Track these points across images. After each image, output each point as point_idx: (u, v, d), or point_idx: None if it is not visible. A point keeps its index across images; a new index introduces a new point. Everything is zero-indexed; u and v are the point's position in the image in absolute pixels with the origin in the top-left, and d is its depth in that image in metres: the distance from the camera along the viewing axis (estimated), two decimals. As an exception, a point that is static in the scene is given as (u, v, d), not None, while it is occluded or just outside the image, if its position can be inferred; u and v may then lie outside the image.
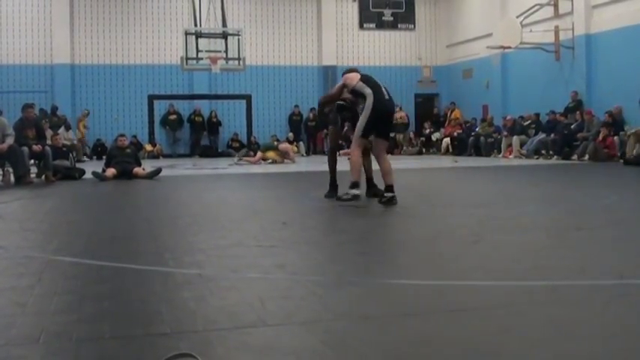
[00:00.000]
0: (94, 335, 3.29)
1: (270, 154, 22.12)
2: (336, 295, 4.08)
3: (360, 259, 5.36)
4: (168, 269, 4.87)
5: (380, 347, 3.08)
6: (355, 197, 9.09)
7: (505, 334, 3.24)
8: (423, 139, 29.52)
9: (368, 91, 9.15)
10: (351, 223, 7.82)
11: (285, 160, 21.90)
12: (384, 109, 9.20)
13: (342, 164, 10.35)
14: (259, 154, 22.51)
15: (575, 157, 20.66)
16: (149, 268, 4.93)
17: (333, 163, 10.10)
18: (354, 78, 9.39)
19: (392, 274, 4.67)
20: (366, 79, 9.36)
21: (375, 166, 9.66)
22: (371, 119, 9.05)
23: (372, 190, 9.84)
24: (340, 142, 11.70)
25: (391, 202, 8.87)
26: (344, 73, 9.68)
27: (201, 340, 3.21)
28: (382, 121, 9.29)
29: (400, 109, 29.50)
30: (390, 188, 8.99)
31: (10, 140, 13.58)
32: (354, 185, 9.14)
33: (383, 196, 9.00)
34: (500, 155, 24.05)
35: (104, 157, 18.83)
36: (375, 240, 6.45)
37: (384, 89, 9.29)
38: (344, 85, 9.51)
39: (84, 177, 15.15)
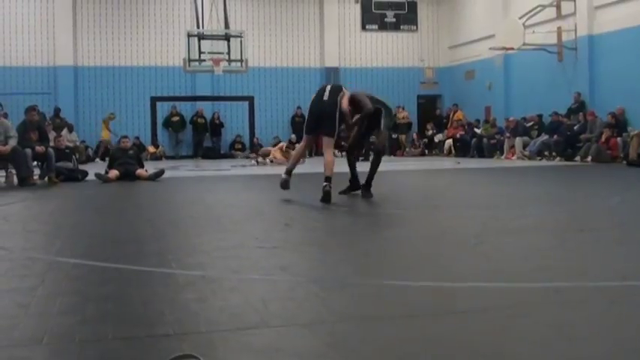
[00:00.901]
0: (98, 336, 3.30)
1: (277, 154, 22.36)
2: (338, 297, 4.08)
3: (363, 260, 5.36)
4: (170, 270, 4.87)
5: (383, 349, 3.08)
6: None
7: (507, 336, 3.24)
8: (425, 140, 29.52)
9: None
10: (353, 224, 7.83)
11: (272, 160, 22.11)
12: (313, 109, 10.36)
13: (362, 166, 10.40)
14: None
15: (577, 158, 20.65)
16: (152, 269, 4.93)
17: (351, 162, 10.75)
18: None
19: (395, 276, 4.67)
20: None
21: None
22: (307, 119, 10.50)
23: (364, 187, 10.44)
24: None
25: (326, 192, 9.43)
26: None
27: (204, 342, 3.21)
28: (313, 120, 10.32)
29: (402, 108, 29.53)
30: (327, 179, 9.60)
31: (13, 142, 13.60)
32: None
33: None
34: (503, 157, 24.05)
35: (107, 158, 18.84)
36: (377, 241, 6.45)
37: (327, 91, 10.29)
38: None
39: (87, 179, 15.16)
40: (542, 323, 3.40)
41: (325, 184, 9.40)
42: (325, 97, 10.05)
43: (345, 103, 10.01)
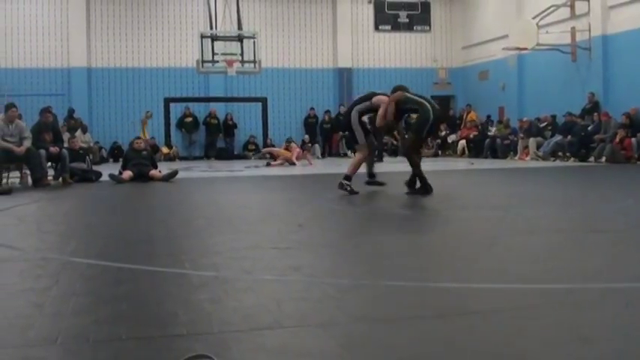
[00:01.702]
0: (111, 337, 3.31)
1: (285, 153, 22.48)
2: (352, 298, 4.08)
3: (376, 261, 5.36)
4: (184, 271, 4.88)
5: (396, 350, 3.08)
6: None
7: (521, 337, 3.23)
8: (438, 141, 29.45)
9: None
10: (366, 225, 7.83)
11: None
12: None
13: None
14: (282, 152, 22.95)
15: (592, 159, 20.57)
16: (165, 270, 4.95)
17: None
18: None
19: (408, 277, 4.67)
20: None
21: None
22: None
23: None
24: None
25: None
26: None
27: (217, 342, 3.22)
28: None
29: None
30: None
31: (27, 143, 13.65)
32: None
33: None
34: (517, 157, 23.97)
35: (120, 159, 18.90)
36: (391, 242, 6.44)
37: None
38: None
39: (100, 179, 15.21)
40: (555, 324, 3.39)
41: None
42: None
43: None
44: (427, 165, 20.80)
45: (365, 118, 10.69)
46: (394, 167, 18.70)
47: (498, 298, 3.98)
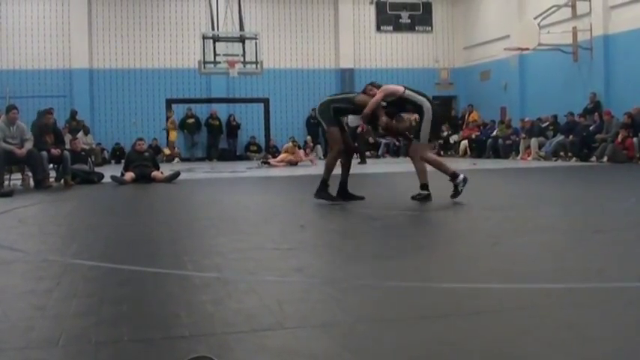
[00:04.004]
0: (113, 338, 3.31)
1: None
2: (354, 298, 4.08)
3: (378, 261, 5.35)
4: (186, 272, 4.88)
5: (398, 350, 3.07)
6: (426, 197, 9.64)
7: (524, 337, 3.22)
8: (441, 141, 29.46)
9: (421, 99, 9.91)
10: (368, 225, 7.82)
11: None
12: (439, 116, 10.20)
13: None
14: (283, 155, 22.99)
15: (593, 158, 20.56)
16: (168, 271, 4.94)
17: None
18: (399, 88, 9.98)
19: (410, 277, 4.66)
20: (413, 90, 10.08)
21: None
22: (432, 125, 9.86)
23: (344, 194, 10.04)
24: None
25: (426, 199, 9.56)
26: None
27: (220, 343, 3.21)
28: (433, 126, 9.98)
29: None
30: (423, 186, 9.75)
31: (29, 145, 13.66)
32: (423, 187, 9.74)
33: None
34: (519, 157, 23.97)
35: (123, 161, 18.91)
36: (393, 243, 6.44)
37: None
38: (390, 93, 9.89)
39: (102, 181, 15.22)
40: (557, 324, 3.39)
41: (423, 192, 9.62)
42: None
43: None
44: (429, 165, 20.81)
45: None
46: (394, 168, 18.69)
47: (501, 298, 3.97)
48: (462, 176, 9.61)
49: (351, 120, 20.57)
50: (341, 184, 9.85)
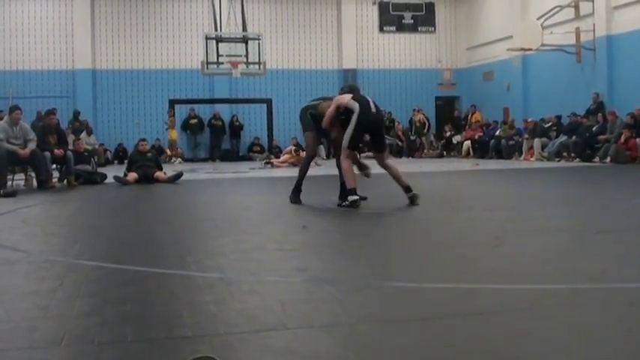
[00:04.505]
0: (116, 339, 3.31)
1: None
2: (356, 299, 4.08)
3: (381, 262, 5.35)
4: (189, 273, 4.89)
5: (401, 351, 3.07)
6: (354, 203, 9.10)
7: (526, 338, 3.22)
8: (443, 142, 29.46)
9: (355, 105, 9.39)
10: (371, 226, 7.82)
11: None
12: (369, 121, 9.40)
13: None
14: (286, 156, 23.02)
15: (596, 159, 20.54)
16: (171, 271, 4.95)
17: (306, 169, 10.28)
18: (345, 97, 9.59)
19: (413, 278, 4.67)
20: (356, 97, 9.60)
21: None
22: (356, 132, 9.32)
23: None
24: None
25: (415, 199, 9.20)
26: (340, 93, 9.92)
27: (222, 344, 3.22)
28: (370, 132, 9.58)
29: (418, 111, 29.51)
30: (407, 189, 9.33)
31: (32, 145, 13.67)
32: (351, 192, 9.19)
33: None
34: (522, 158, 23.95)
35: (125, 161, 18.92)
36: (395, 243, 6.45)
37: (372, 103, 9.52)
38: (337, 106, 9.59)
39: (105, 181, 15.23)
40: (561, 325, 3.39)
41: (410, 194, 9.28)
42: (373, 109, 9.48)
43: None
44: (432, 165, 20.83)
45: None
46: (398, 168, 18.70)
47: (503, 299, 3.97)
48: (356, 197, 9.12)
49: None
50: (342, 185, 9.83)
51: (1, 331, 3.49)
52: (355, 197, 9.13)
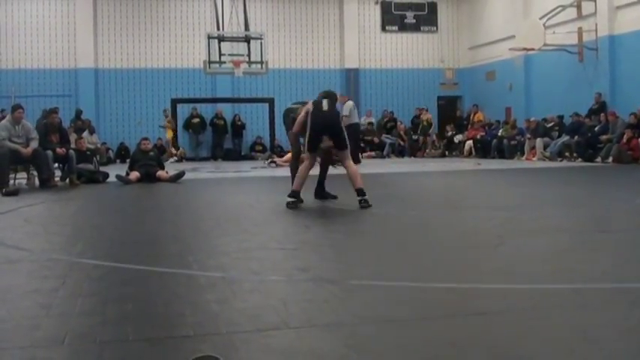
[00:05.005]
0: (118, 337, 3.31)
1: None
2: (359, 298, 4.08)
3: (383, 261, 5.36)
4: (191, 272, 4.89)
5: (403, 350, 3.08)
6: (289, 204, 9.22)
7: (529, 338, 3.22)
8: (445, 141, 29.43)
9: (310, 107, 9.52)
10: (373, 226, 7.82)
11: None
12: (321, 121, 9.42)
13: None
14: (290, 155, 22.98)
15: (598, 159, 20.52)
16: (172, 270, 4.95)
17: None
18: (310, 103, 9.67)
19: (415, 277, 4.67)
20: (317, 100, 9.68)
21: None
22: (311, 133, 9.39)
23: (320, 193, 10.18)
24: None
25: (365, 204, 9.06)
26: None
27: (224, 343, 3.22)
28: (327, 132, 9.52)
29: (426, 110, 29.50)
30: (359, 192, 9.18)
31: (34, 144, 13.67)
32: (292, 193, 9.33)
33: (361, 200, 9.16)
34: (524, 158, 23.94)
35: (128, 160, 18.93)
36: (398, 243, 6.45)
37: (324, 102, 9.47)
38: (305, 112, 9.66)
39: (108, 180, 15.24)
40: (563, 325, 3.39)
41: (361, 198, 9.08)
42: (325, 107, 9.44)
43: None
44: (434, 165, 20.84)
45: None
46: (399, 168, 18.70)
47: (506, 299, 3.97)
48: (297, 200, 9.31)
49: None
50: (319, 183, 10.06)
51: (3, 329, 3.50)
52: (292, 200, 9.26)
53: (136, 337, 3.32)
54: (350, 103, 21.11)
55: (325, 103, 9.44)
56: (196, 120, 29.20)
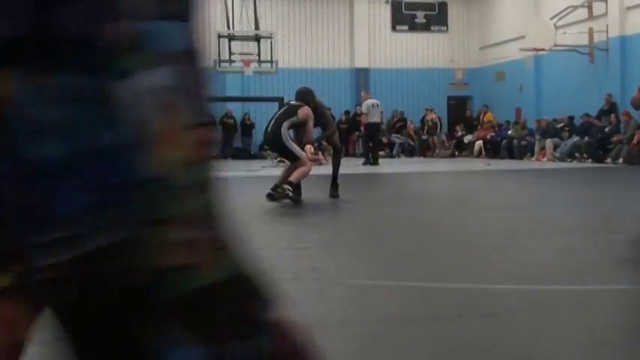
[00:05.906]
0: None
1: None
2: (369, 298, 4.08)
3: (393, 261, 5.35)
4: (201, 271, 4.88)
5: (414, 351, 3.07)
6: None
7: (539, 339, 3.22)
8: (455, 141, 29.39)
9: None
10: (383, 225, 7.82)
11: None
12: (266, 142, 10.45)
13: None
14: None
15: (609, 160, 20.47)
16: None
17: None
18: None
19: (425, 278, 4.66)
20: None
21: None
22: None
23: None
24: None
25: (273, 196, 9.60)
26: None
27: (235, 342, 3.21)
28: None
29: (431, 110, 29.45)
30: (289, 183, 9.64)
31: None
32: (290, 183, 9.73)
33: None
34: (534, 158, 23.89)
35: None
36: (407, 243, 6.44)
37: (271, 123, 9.97)
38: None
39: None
40: (573, 326, 3.38)
41: (285, 186, 9.50)
42: (268, 129, 9.92)
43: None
44: (444, 165, 20.83)
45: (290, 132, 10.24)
46: (409, 168, 18.68)
47: (516, 300, 3.97)
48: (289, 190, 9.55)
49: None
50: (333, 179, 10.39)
51: None
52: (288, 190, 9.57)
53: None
54: (369, 101, 20.93)
55: (271, 125, 9.83)
56: (206, 119, 29.23)
